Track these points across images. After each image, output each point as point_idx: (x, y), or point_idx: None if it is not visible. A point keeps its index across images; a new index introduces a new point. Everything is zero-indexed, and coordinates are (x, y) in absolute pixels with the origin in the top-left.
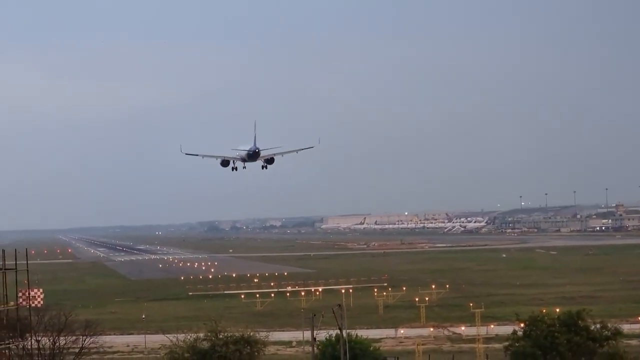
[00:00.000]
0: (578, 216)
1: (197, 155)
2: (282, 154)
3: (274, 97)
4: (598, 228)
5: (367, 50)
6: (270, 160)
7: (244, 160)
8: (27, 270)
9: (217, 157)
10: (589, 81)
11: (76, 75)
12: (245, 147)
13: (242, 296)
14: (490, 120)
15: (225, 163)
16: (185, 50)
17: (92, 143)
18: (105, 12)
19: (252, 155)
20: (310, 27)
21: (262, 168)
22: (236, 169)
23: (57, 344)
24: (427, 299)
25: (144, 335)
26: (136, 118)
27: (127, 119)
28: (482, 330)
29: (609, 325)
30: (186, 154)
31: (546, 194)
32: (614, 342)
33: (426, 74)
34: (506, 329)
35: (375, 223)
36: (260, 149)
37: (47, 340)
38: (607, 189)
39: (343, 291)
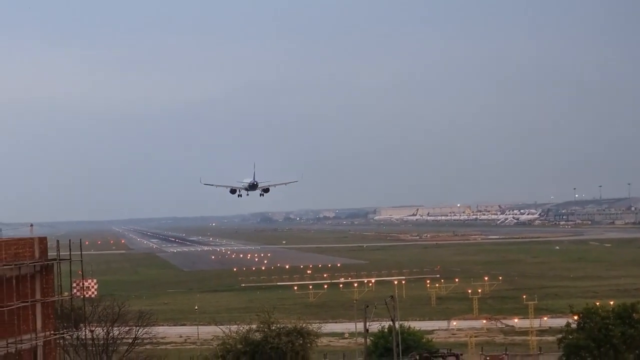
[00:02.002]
0: (632, 208)
1: (212, 185)
2: (274, 185)
3: (316, 88)
4: None
5: (415, 42)
6: (266, 190)
7: (246, 189)
8: (81, 260)
9: (227, 186)
10: None
11: (129, 68)
12: (247, 180)
13: (295, 287)
14: (544, 112)
15: (233, 191)
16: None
17: (145, 135)
18: (150, 7)
19: (252, 187)
20: (347, 22)
21: (260, 195)
22: (240, 195)
23: (111, 334)
24: (479, 290)
25: (196, 326)
26: (188, 111)
27: (179, 112)
28: (535, 323)
29: None
30: (204, 184)
31: (600, 186)
32: None
33: (477, 65)
34: (559, 322)
35: (428, 214)
36: (258, 181)
37: (101, 331)
38: None
39: (395, 282)
